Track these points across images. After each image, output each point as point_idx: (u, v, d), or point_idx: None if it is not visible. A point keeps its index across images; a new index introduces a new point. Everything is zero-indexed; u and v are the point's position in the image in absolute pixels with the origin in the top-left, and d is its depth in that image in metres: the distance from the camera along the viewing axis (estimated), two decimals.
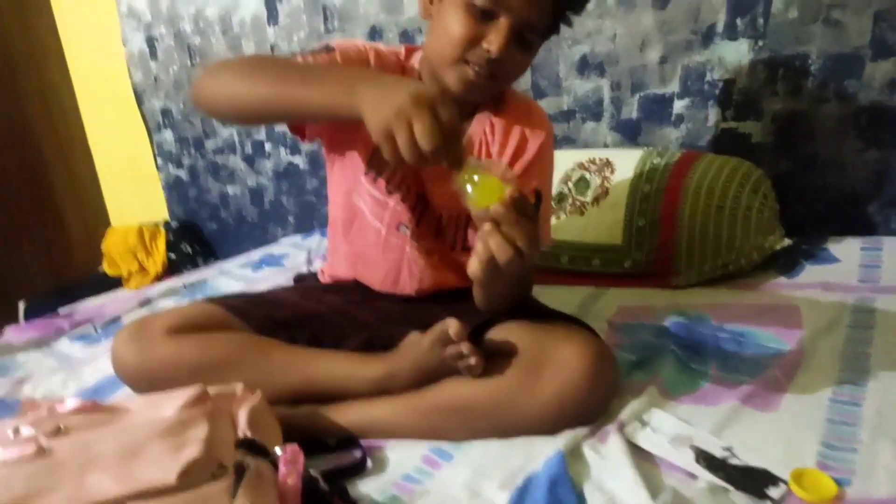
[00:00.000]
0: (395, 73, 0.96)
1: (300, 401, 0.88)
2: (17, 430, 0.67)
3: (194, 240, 2.50)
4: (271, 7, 2.02)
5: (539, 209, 0.91)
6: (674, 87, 1.48)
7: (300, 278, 1.23)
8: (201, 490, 0.61)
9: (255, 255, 1.93)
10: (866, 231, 1.35)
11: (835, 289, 1.15)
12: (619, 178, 1.37)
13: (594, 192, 1.38)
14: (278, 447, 0.69)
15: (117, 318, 1.48)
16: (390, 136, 0.65)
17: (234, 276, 1.76)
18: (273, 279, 1.63)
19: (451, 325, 0.79)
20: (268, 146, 2.23)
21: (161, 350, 0.89)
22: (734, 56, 1.40)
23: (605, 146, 1.60)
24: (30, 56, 2.55)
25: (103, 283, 2.31)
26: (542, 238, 0.96)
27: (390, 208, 0.99)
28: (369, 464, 0.80)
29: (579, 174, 1.42)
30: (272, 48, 2.07)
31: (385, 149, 0.66)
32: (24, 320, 2.15)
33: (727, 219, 1.26)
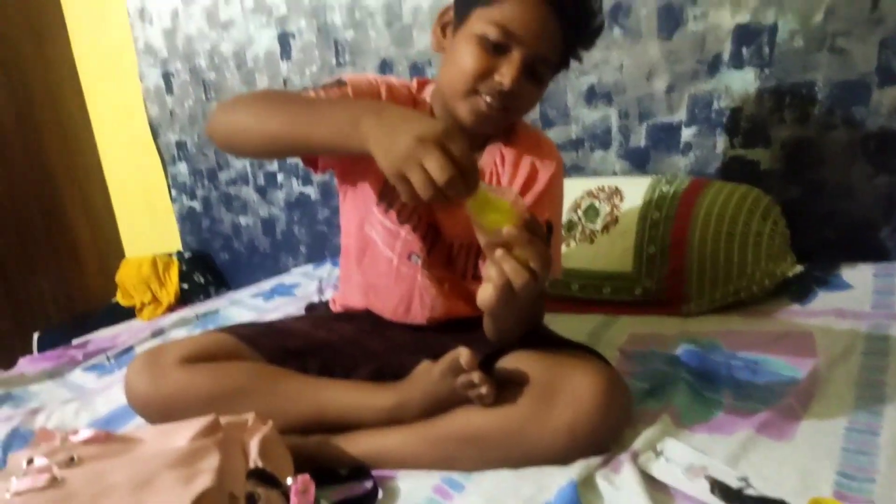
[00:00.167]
0: (405, 106, 0.98)
1: (311, 430, 0.88)
2: (30, 461, 0.67)
3: (207, 270, 2.52)
4: (284, 42, 2.07)
5: (550, 241, 0.91)
6: (681, 115, 1.50)
7: (311, 307, 1.23)
8: None
9: (267, 284, 1.95)
10: (877, 256, 1.34)
11: (848, 316, 1.14)
12: (628, 205, 1.38)
13: (604, 219, 1.39)
14: (289, 477, 0.69)
15: (130, 349, 1.49)
16: (404, 178, 0.66)
17: (245, 305, 1.77)
18: (284, 309, 1.64)
19: (463, 354, 0.79)
20: (280, 177, 2.26)
21: (173, 379, 0.89)
22: (740, 84, 1.41)
23: (614, 174, 1.61)
24: (47, 89, 2.61)
25: (116, 313, 2.32)
26: (554, 269, 0.96)
27: (402, 238, 1.00)
28: (380, 494, 0.79)
29: (589, 202, 1.43)
30: (285, 82, 2.11)
31: (402, 191, 0.67)
32: (38, 351, 2.17)
33: (738, 245, 1.25)
